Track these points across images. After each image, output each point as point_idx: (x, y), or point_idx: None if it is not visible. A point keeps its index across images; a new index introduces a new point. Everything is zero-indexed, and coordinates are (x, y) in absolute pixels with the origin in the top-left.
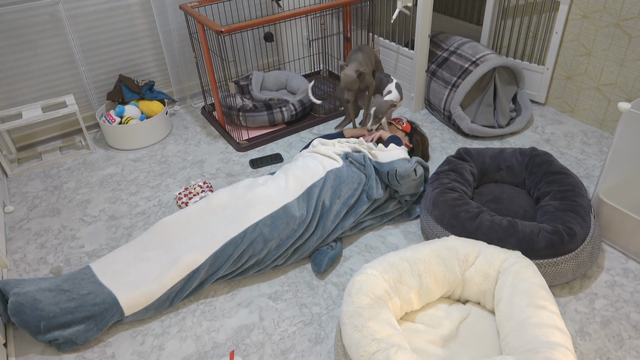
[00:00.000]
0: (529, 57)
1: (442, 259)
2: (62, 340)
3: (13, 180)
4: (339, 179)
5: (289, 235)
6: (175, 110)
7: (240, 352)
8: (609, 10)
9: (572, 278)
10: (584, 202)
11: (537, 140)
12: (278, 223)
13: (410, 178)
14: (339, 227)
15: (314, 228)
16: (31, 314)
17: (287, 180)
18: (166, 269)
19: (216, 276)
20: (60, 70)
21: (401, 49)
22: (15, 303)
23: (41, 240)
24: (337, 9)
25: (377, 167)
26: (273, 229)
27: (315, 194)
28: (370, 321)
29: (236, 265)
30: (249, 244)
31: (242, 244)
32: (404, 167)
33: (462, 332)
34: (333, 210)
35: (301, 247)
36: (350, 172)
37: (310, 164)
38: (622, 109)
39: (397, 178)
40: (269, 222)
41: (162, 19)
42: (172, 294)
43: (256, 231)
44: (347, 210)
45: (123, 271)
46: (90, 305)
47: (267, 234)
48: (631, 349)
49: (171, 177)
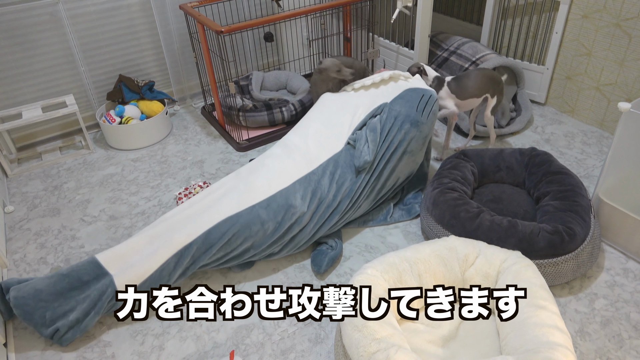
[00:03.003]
0: (529, 57)
1: (442, 259)
2: (64, 329)
3: (13, 180)
4: (337, 165)
5: (285, 218)
6: (175, 110)
7: (240, 352)
8: (609, 10)
9: (572, 278)
10: (584, 202)
11: (537, 140)
12: (274, 206)
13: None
14: (335, 213)
15: (310, 214)
16: (35, 305)
17: (286, 165)
18: (158, 247)
19: (209, 254)
20: (60, 70)
21: (401, 49)
22: (17, 297)
23: (41, 240)
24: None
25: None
26: (269, 212)
27: (313, 181)
28: (370, 321)
29: (230, 247)
30: (244, 224)
31: (237, 224)
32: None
33: (462, 332)
34: (329, 195)
35: (298, 235)
36: (348, 156)
37: (311, 149)
38: (622, 109)
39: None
40: (265, 205)
41: (162, 19)
42: (165, 271)
43: (253, 213)
44: (343, 194)
45: (122, 254)
46: (87, 288)
47: (264, 216)
48: (631, 349)
49: (171, 177)
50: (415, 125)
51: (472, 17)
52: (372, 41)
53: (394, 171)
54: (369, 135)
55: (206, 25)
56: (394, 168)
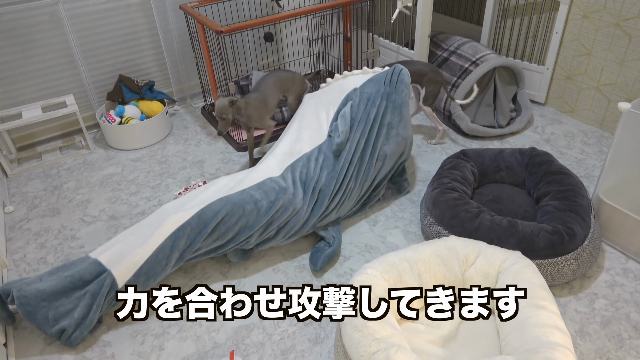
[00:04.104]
0: (529, 57)
1: (442, 259)
2: (71, 328)
3: (13, 180)
4: (320, 151)
5: (278, 198)
6: (175, 110)
7: (240, 352)
8: (609, 10)
9: (572, 278)
10: (584, 202)
11: (537, 140)
12: (265, 188)
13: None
14: (324, 196)
15: (301, 196)
16: (37, 305)
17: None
18: (152, 232)
19: (204, 234)
20: (60, 70)
21: (401, 49)
22: (19, 297)
23: (41, 240)
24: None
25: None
26: (261, 192)
27: (299, 166)
28: (370, 321)
29: (225, 226)
30: (237, 202)
31: (230, 203)
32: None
33: (462, 332)
34: (315, 177)
35: (292, 218)
36: (331, 145)
37: (296, 146)
38: (622, 109)
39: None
40: (257, 188)
41: (162, 19)
42: (160, 254)
43: (244, 193)
44: (328, 176)
45: (116, 246)
46: (87, 283)
47: (257, 195)
48: (631, 349)
49: (171, 177)
50: (387, 97)
51: (472, 17)
52: (372, 41)
53: (378, 149)
54: (339, 121)
55: (206, 25)
56: (376, 145)
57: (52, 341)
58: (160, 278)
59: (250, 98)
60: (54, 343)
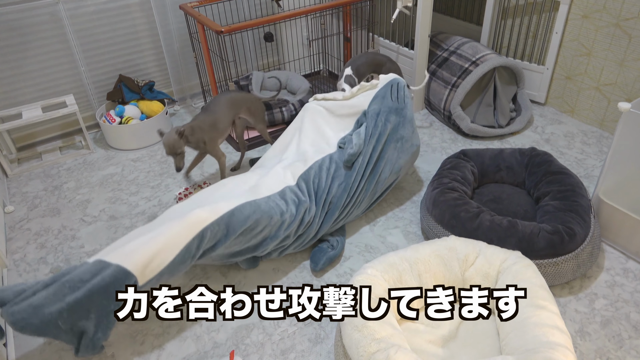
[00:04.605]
0: (529, 57)
1: (442, 259)
2: (91, 331)
3: (13, 180)
4: (331, 160)
5: (299, 210)
6: (175, 110)
7: (240, 352)
8: (609, 10)
9: (572, 278)
10: (584, 202)
11: (537, 140)
12: (287, 198)
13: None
14: (335, 208)
15: (314, 207)
16: (41, 320)
17: (286, 167)
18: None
19: (233, 235)
20: (60, 70)
21: (401, 49)
22: (17, 322)
23: (41, 240)
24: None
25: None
26: (284, 203)
27: (311, 175)
28: (370, 321)
29: (251, 233)
30: (266, 211)
31: (259, 210)
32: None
33: (462, 332)
34: (326, 189)
35: (307, 230)
36: (342, 155)
37: (308, 151)
38: (622, 109)
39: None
40: (279, 197)
41: (162, 19)
42: (187, 255)
43: (271, 202)
44: (339, 188)
45: (125, 245)
46: (99, 286)
47: (283, 207)
48: (631, 349)
49: (171, 177)
50: (397, 112)
51: (472, 17)
52: (372, 41)
53: (390, 162)
54: (354, 136)
55: (206, 25)
56: (389, 159)
57: (51, 341)
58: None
59: (197, 121)
60: (53, 343)
